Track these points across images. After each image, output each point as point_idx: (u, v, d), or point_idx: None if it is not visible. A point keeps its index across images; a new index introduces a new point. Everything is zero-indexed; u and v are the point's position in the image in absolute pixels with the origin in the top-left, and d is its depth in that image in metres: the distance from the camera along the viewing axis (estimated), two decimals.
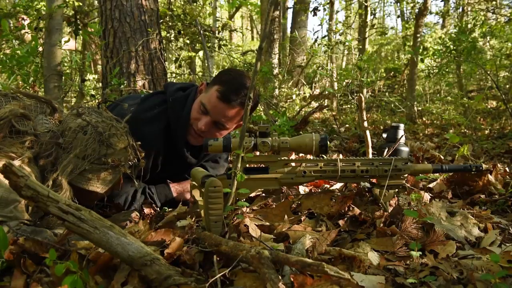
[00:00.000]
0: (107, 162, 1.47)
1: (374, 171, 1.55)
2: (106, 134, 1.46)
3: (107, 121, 1.51)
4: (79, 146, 1.43)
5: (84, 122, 1.47)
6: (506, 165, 2.93)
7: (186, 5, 6.38)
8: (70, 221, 1.01)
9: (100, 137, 1.46)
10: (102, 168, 1.47)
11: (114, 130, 1.50)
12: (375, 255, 1.18)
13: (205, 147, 1.50)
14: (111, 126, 1.50)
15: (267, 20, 1.22)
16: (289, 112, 5.98)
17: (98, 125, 1.47)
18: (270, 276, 0.92)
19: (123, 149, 1.51)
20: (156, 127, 1.81)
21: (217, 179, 1.27)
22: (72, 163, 1.42)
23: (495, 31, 6.34)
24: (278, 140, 1.53)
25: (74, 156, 1.43)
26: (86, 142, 1.44)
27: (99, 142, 1.45)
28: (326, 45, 7.41)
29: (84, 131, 1.46)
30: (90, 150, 1.44)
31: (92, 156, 1.44)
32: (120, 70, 3.92)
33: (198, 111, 1.81)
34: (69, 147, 1.45)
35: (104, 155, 1.46)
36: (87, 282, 1.00)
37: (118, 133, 1.51)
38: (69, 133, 1.46)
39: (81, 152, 1.43)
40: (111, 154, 1.47)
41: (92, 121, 1.48)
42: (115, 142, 1.49)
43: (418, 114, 7.42)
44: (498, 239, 1.32)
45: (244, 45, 15.08)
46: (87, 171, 1.45)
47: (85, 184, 1.46)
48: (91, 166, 1.45)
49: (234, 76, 1.80)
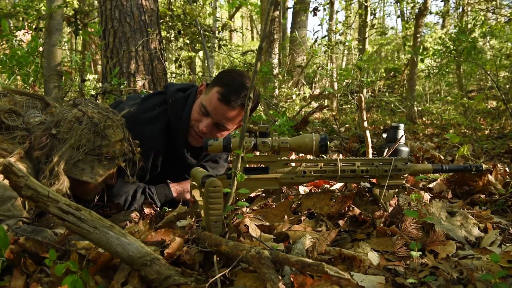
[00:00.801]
0: (101, 153, 1.46)
1: (374, 171, 1.54)
2: (102, 125, 1.46)
3: (103, 112, 1.50)
4: (74, 137, 1.42)
5: (80, 113, 1.46)
6: (506, 165, 2.93)
7: (186, 5, 6.38)
8: (70, 221, 1.01)
9: (95, 128, 1.45)
10: (96, 159, 1.46)
11: (110, 122, 1.49)
12: (375, 255, 1.18)
13: (205, 147, 1.50)
14: (107, 118, 1.49)
15: (267, 20, 1.22)
16: (289, 112, 5.98)
17: (94, 116, 1.47)
18: (270, 276, 0.92)
19: (118, 141, 1.51)
20: (156, 127, 1.81)
21: (217, 179, 1.27)
22: (67, 153, 1.41)
23: (495, 31, 6.34)
24: (278, 140, 1.53)
25: (69, 147, 1.42)
26: (81, 132, 1.43)
27: (94, 133, 1.45)
28: (326, 45, 7.41)
29: (80, 122, 1.45)
30: (84, 140, 1.43)
31: (86, 147, 1.43)
32: (120, 70, 3.92)
33: (198, 113, 1.81)
34: (64, 138, 1.44)
35: (99, 146, 1.46)
36: (87, 282, 1.00)
37: (113, 125, 1.50)
38: (64, 123, 1.45)
39: (75, 143, 1.42)
40: (105, 146, 1.47)
41: (88, 112, 1.47)
42: (110, 134, 1.48)
43: (418, 114, 7.43)
44: (498, 239, 1.32)
45: (244, 45, 15.08)
46: (81, 161, 1.44)
47: (78, 174, 1.45)
48: (85, 156, 1.44)
49: (234, 77, 1.80)
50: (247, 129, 1.59)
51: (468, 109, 6.50)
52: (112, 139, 1.48)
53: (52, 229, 1.32)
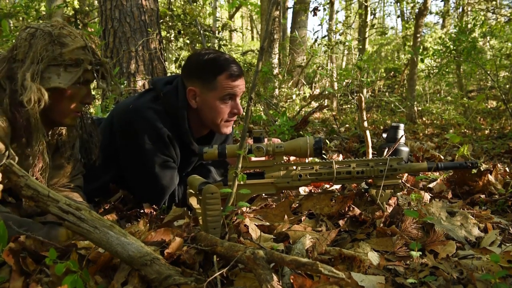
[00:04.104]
0: (64, 60, 1.42)
1: (370, 171, 1.55)
2: (56, 33, 1.42)
3: (58, 25, 1.47)
4: (32, 51, 1.39)
5: (32, 29, 1.43)
6: (506, 165, 2.93)
7: (186, 5, 6.38)
8: (70, 220, 1.01)
9: (50, 38, 1.41)
10: (60, 66, 1.42)
11: (66, 31, 1.45)
12: (375, 255, 1.18)
13: (200, 156, 1.55)
14: (61, 27, 1.45)
15: (268, 20, 1.22)
16: (289, 112, 5.97)
17: (47, 28, 1.43)
18: (265, 277, 0.92)
19: (79, 48, 1.46)
20: (157, 112, 1.80)
21: (214, 186, 1.27)
22: (31, 68, 1.37)
23: (495, 31, 6.34)
24: (273, 145, 1.54)
25: (30, 62, 1.38)
26: (36, 45, 1.39)
27: (51, 43, 1.41)
28: (326, 45, 7.41)
29: (35, 37, 1.41)
30: (42, 51, 1.39)
31: (46, 57, 1.39)
32: (120, 70, 3.92)
33: (222, 104, 1.80)
34: (24, 57, 1.40)
35: (60, 54, 1.41)
36: (87, 282, 1.00)
37: (71, 34, 1.46)
38: (21, 44, 1.42)
39: (34, 56, 1.38)
40: (67, 53, 1.42)
41: (40, 26, 1.43)
42: (69, 41, 1.44)
43: (418, 114, 7.43)
44: (498, 239, 1.32)
45: (244, 45, 15.09)
46: (46, 72, 1.40)
47: (46, 84, 1.40)
48: (48, 67, 1.40)
49: (216, 56, 1.81)
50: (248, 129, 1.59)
51: (468, 109, 6.50)
52: (72, 45, 1.44)
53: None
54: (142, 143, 1.73)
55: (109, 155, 1.81)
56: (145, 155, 1.74)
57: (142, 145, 1.73)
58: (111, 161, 1.82)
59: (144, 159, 1.75)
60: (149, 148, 1.73)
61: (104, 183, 1.88)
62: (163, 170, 1.76)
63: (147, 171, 1.75)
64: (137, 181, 1.81)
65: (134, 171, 1.81)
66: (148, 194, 1.79)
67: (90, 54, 1.48)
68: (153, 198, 1.79)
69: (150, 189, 1.78)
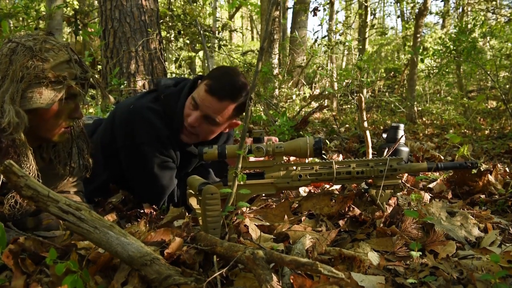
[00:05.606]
0: (46, 77, 1.33)
1: (370, 172, 1.55)
2: (37, 48, 1.34)
3: (40, 38, 1.39)
4: (12, 69, 1.31)
5: (13, 44, 1.36)
6: (506, 165, 2.93)
7: (186, 5, 6.38)
8: (70, 221, 1.01)
9: (32, 53, 1.33)
10: (42, 84, 1.33)
11: (49, 45, 1.37)
12: (375, 255, 1.18)
13: (200, 156, 1.54)
14: (43, 41, 1.37)
15: (268, 20, 1.22)
16: (289, 112, 5.97)
17: (28, 43, 1.35)
18: (265, 277, 0.92)
19: (63, 62, 1.38)
20: (157, 113, 1.79)
21: (213, 186, 1.27)
22: (11, 88, 1.30)
23: (495, 31, 6.34)
24: (273, 145, 1.54)
25: (10, 81, 1.31)
26: (17, 61, 1.32)
27: (32, 58, 1.33)
28: (326, 45, 7.41)
29: (16, 53, 1.34)
30: (23, 68, 1.31)
31: (27, 74, 1.31)
32: (120, 70, 3.92)
33: (189, 107, 1.79)
34: (5, 75, 1.33)
35: (42, 71, 1.33)
36: (87, 282, 1.00)
37: (55, 48, 1.38)
38: (2, 60, 1.35)
39: (14, 75, 1.31)
40: (49, 69, 1.34)
41: (21, 41, 1.36)
42: (51, 56, 1.36)
43: (418, 114, 7.43)
44: (498, 239, 1.32)
45: (244, 45, 15.09)
46: (27, 90, 1.32)
47: (27, 104, 1.32)
48: (29, 85, 1.32)
49: (224, 72, 1.79)
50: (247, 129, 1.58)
51: (468, 109, 6.49)
52: (54, 60, 1.36)
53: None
54: (141, 143, 1.73)
55: (109, 155, 1.81)
56: (145, 155, 1.74)
57: (141, 145, 1.74)
58: (112, 160, 1.82)
59: (144, 159, 1.75)
60: (149, 148, 1.74)
61: (104, 182, 1.88)
62: (162, 170, 1.76)
63: (147, 171, 1.75)
64: (136, 181, 1.81)
65: (134, 171, 1.81)
66: (148, 194, 1.79)
67: (75, 67, 1.41)
68: (153, 198, 1.79)
69: (150, 189, 1.78)
